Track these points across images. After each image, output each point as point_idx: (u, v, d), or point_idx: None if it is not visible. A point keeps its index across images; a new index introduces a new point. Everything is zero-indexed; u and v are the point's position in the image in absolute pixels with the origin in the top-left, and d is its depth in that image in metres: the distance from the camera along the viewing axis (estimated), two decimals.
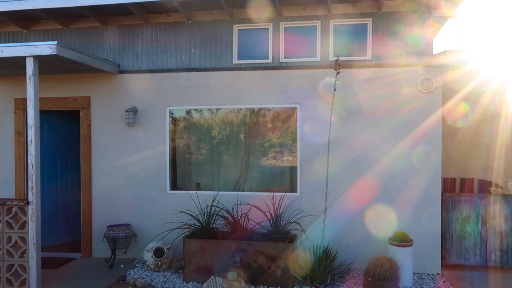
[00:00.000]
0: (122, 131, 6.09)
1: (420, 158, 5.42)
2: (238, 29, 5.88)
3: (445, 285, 5.02)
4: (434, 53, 5.45)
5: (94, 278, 5.26)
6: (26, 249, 4.81)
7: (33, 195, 4.77)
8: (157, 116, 6.03)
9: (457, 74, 5.49)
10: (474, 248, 5.46)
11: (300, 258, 5.17)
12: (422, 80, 5.38)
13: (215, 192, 5.79)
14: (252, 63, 5.83)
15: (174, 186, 6.13)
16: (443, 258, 5.49)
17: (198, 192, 5.90)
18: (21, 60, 4.89)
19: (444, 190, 6.79)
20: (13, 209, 4.83)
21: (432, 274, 5.37)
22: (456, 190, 6.94)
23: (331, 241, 5.31)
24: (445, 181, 6.96)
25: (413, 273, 5.23)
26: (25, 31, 6.41)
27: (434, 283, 5.08)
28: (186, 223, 5.51)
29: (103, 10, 5.90)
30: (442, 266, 5.46)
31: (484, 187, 6.49)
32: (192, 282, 5.14)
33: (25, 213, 4.80)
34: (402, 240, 5.02)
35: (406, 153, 5.45)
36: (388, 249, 5.10)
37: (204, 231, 5.35)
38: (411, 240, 5.06)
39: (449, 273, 5.34)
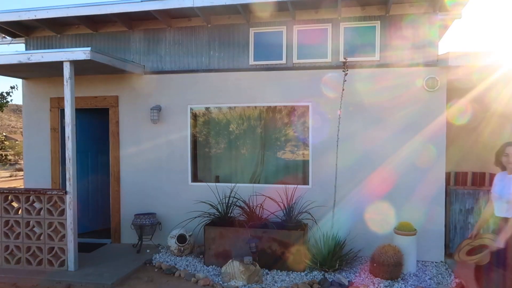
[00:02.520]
0: (148, 128, 6.60)
1: (425, 153, 5.73)
2: (254, 32, 6.29)
3: (447, 272, 5.36)
4: (439, 53, 5.73)
5: (124, 261, 5.80)
6: (64, 234, 5.38)
7: (70, 185, 5.32)
8: (179, 113, 6.52)
9: (466, 73, 5.74)
10: None
11: (311, 245, 5.61)
12: (427, 79, 5.69)
13: (233, 184, 6.24)
14: (267, 64, 6.23)
15: (195, 178, 6.63)
16: (446, 247, 5.81)
17: (217, 184, 6.37)
18: (58, 63, 5.42)
19: (456, 183, 7.05)
20: (53, 198, 5.40)
21: (435, 262, 5.72)
22: (468, 183, 7.20)
23: (340, 230, 5.68)
24: (457, 175, 7.22)
25: (417, 261, 5.58)
26: (59, 35, 6.98)
27: (437, 270, 5.42)
28: (206, 212, 6.00)
29: (130, 16, 6.39)
30: (445, 255, 5.79)
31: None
32: (212, 266, 5.63)
33: (63, 201, 5.37)
34: (407, 230, 5.37)
35: (412, 148, 5.77)
36: (393, 238, 5.46)
37: (222, 219, 5.82)
38: (415, 229, 5.41)
39: (452, 261, 5.65)
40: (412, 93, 5.77)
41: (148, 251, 6.28)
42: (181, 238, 6.03)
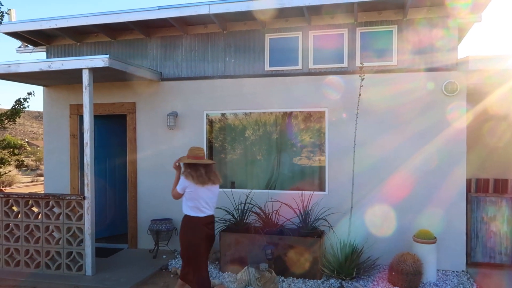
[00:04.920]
0: (164, 134, 6.66)
1: (445, 159, 5.62)
2: (269, 38, 6.30)
3: (469, 281, 5.21)
4: (459, 57, 5.62)
5: (140, 267, 5.84)
6: (82, 239, 5.46)
7: (88, 191, 5.40)
8: (195, 119, 6.55)
9: (486, 76, 5.61)
10: (500, 247, 5.59)
11: (328, 252, 5.53)
12: (446, 83, 5.57)
13: (248, 190, 6.23)
14: (283, 70, 6.22)
15: None
16: (468, 256, 5.65)
17: (232, 190, 6.37)
18: (77, 71, 5.54)
19: (477, 190, 6.86)
20: (72, 203, 5.49)
21: (456, 271, 5.56)
22: (490, 190, 7.00)
23: (357, 237, 5.58)
24: (478, 181, 7.03)
25: (438, 270, 5.45)
26: (78, 43, 7.13)
27: (458, 280, 5.27)
28: (222, 218, 5.98)
29: (147, 23, 6.48)
30: (467, 264, 5.63)
31: None
32: (228, 272, 5.61)
33: (81, 206, 5.45)
34: (426, 238, 5.25)
35: (430, 154, 5.66)
36: (412, 246, 5.35)
37: (238, 225, 5.80)
38: (435, 237, 5.28)
39: (473, 270, 5.51)
40: (431, 98, 5.67)
41: (164, 256, 6.31)
42: None
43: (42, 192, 7.75)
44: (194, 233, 4.17)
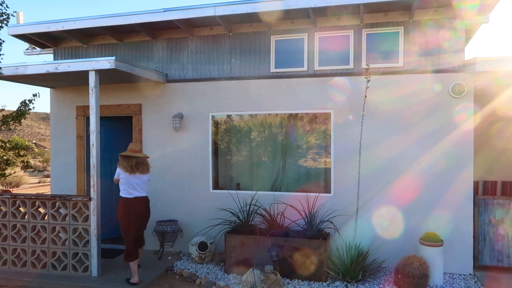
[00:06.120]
0: (170, 135, 6.68)
1: (451, 161, 5.57)
2: (275, 40, 6.30)
3: (476, 285, 5.15)
4: (466, 58, 5.58)
5: (146, 268, 5.84)
6: (88, 240, 5.48)
7: (94, 192, 5.43)
8: (200, 121, 6.56)
9: (493, 78, 5.57)
10: (508, 250, 5.52)
11: (333, 254, 5.50)
12: (453, 85, 5.53)
13: (254, 192, 6.22)
14: (289, 71, 6.21)
15: (216, 186, 6.65)
16: (475, 259, 5.60)
17: (238, 191, 6.36)
18: (84, 73, 5.57)
19: (485, 193, 6.80)
20: (78, 204, 5.52)
21: (464, 275, 5.50)
22: (498, 193, 6.93)
23: (363, 240, 5.56)
24: (486, 184, 6.97)
25: (445, 273, 5.40)
26: (85, 45, 7.18)
27: (465, 283, 5.22)
28: (227, 220, 5.99)
29: (153, 25, 6.50)
30: (474, 267, 5.57)
31: None
32: (233, 274, 5.60)
33: (87, 207, 5.47)
34: (433, 240, 5.20)
35: (437, 156, 5.61)
36: (419, 249, 5.30)
37: (243, 227, 5.79)
38: (442, 240, 5.23)
39: (481, 274, 5.45)
40: (438, 100, 5.63)
41: (169, 258, 6.32)
42: (202, 246, 6.04)
43: (49, 193, 7.80)
44: (124, 210, 5.26)
